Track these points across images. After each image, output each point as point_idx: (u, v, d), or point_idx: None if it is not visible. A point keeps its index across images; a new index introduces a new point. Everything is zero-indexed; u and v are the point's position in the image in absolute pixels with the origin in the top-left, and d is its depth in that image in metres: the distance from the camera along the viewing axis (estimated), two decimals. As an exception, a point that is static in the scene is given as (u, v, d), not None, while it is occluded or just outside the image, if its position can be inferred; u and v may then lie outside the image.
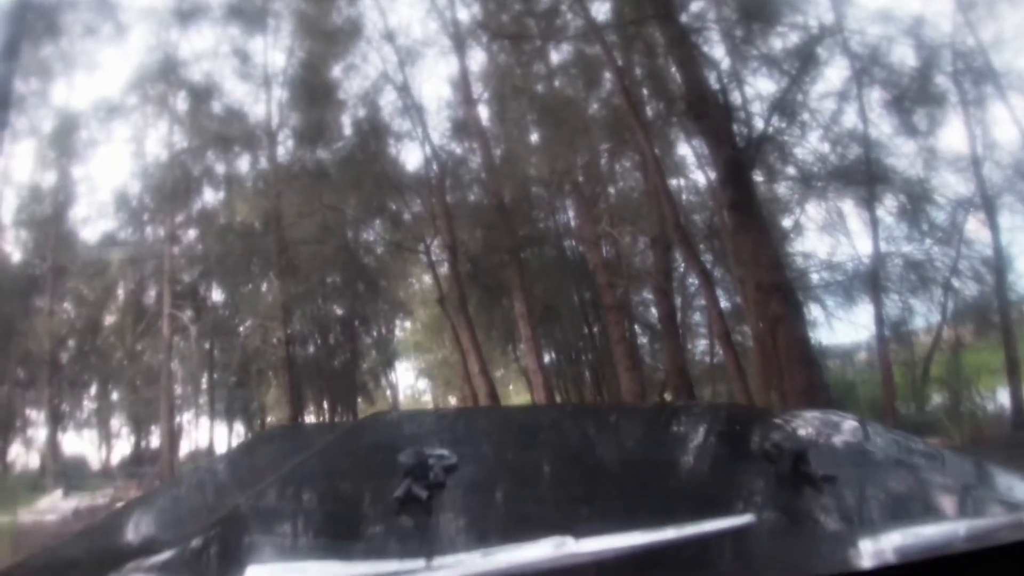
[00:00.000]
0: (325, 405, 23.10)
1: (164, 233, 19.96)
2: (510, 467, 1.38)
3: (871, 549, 0.84)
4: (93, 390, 24.11)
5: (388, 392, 26.84)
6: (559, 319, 20.47)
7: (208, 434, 25.05)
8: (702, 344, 18.53)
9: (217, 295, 23.40)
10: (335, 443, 1.52)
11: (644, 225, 15.98)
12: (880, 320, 10.90)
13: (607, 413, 1.99)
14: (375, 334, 25.37)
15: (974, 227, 12.21)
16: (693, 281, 17.31)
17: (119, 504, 13.68)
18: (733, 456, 1.47)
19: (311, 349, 22.95)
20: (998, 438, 7.43)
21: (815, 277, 13.20)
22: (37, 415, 22.18)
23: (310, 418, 23.27)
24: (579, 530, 0.82)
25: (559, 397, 20.63)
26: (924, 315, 12.34)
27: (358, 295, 22.45)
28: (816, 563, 0.86)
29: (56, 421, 21.60)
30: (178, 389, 23.64)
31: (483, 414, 2.04)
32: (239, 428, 25.87)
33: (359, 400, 25.20)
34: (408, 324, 27.01)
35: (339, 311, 22.69)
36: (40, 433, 21.13)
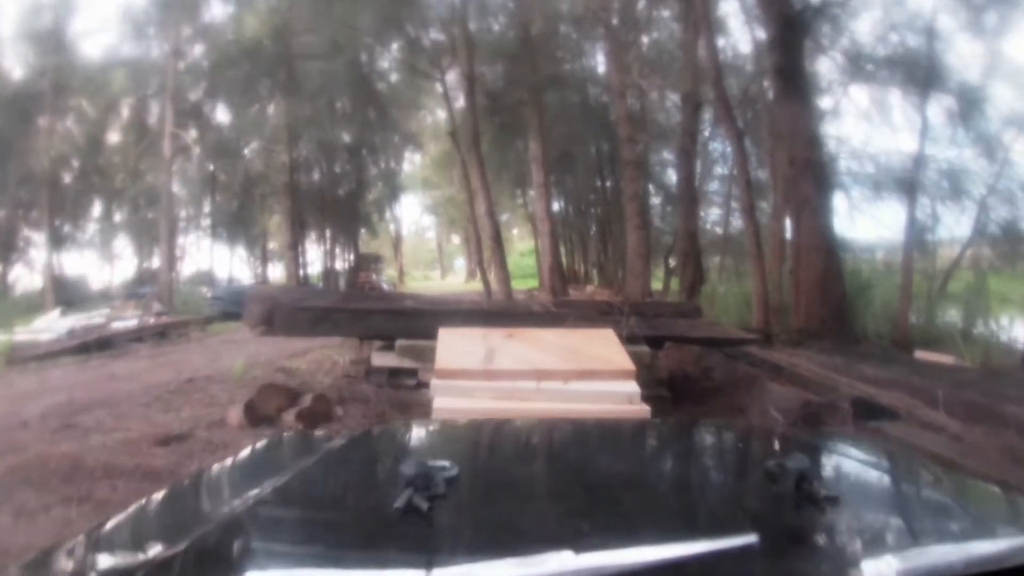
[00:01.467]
0: (327, 234, 23.02)
1: (168, 48, 18.97)
2: (512, 480, 1.35)
3: (872, 570, 0.81)
4: (95, 211, 23.91)
5: (391, 226, 26.79)
6: (573, 168, 19.83)
7: (208, 256, 25.35)
8: (714, 214, 17.99)
9: (222, 115, 22.48)
10: (337, 452, 1.50)
11: (676, 80, 14.91)
12: (912, 222, 10.29)
13: (610, 429, 1.94)
14: (382, 165, 24.85)
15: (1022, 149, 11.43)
16: (716, 147, 16.52)
17: (114, 323, 13.99)
18: (736, 474, 1.46)
19: (316, 176, 22.51)
20: (1007, 369, 7.18)
21: (845, 164, 12.39)
22: (38, 236, 22.14)
23: (311, 247, 23.35)
24: (580, 545, 0.80)
25: (563, 248, 20.64)
26: (950, 228, 11.75)
27: (368, 122, 21.57)
28: None
29: (57, 242, 21.51)
30: (181, 212, 23.52)
31: (486, 427, 1.94)
32: (240, 252, 26.11)
33: (362, 231, 25.18)
34: (417, 158, 26.50)
35: (347, 138, 21.96)
36: (41, 254, 21.22)
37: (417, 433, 1.78)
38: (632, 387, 4.65)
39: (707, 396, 6.04)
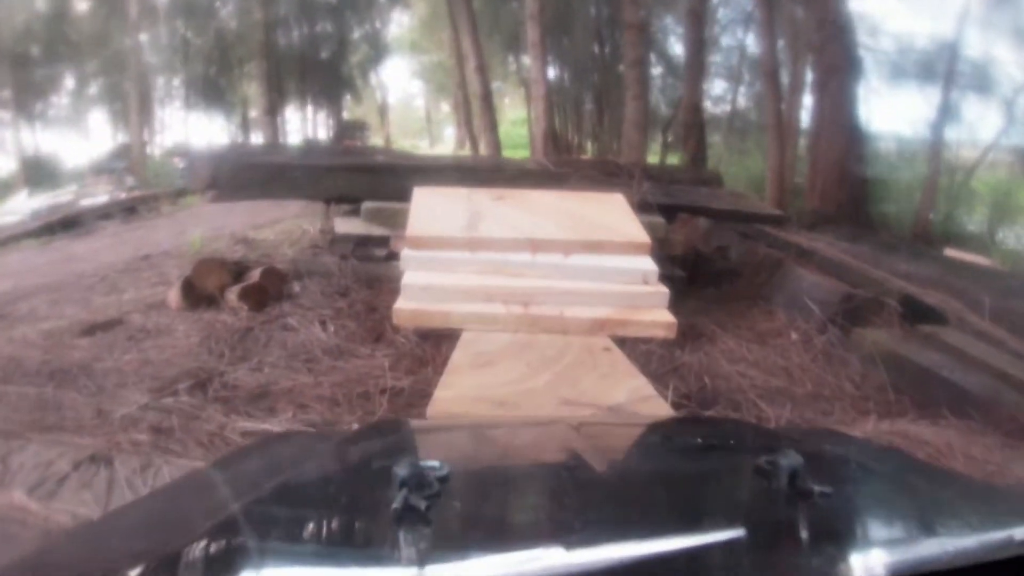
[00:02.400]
0: (309, 103, 21.30)
1: None
2: (503, 479, 1.31)
3: (862, 565, 0.79)
4: (67, 85, 21.89)
5: (377, 93, 24.97)
6: (571, 31, 18.12)
7: (184, 127, 23.58)
8: (719, 88, 16.54)
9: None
10: (331, 452, 1.47)
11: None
12: (943, 110, 8.99)
13: (599, 426, 1.85)
14: (367, 27, 22.79)
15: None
16: (726, 14, 14.87)
17: (83, 201, 12.99)
18: (728, 471, 1.36)
19: (295, 37, 20.53)
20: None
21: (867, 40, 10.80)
22: (6, 115, 20.18)
23: (293, 116, 21.68)
24: (571, 541, 0.78)
25: (558, 117, 19.22)
26: (972, 127, 10.30)
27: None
28: None
29: (28, 120, 19.70)
30: (156, 81, 21.62)
31: (477, 426, 1.82)
32: (219, 121, 24.35)
33: (347, 97, 23.45)
34: (406, 19, 24.30)
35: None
36: (11, 135, 19.37)
37: (409, 432, 1.73)
38: (647, 263, 3.77)
39: (723, 278, 5.18)
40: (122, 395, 3.35)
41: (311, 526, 1.05)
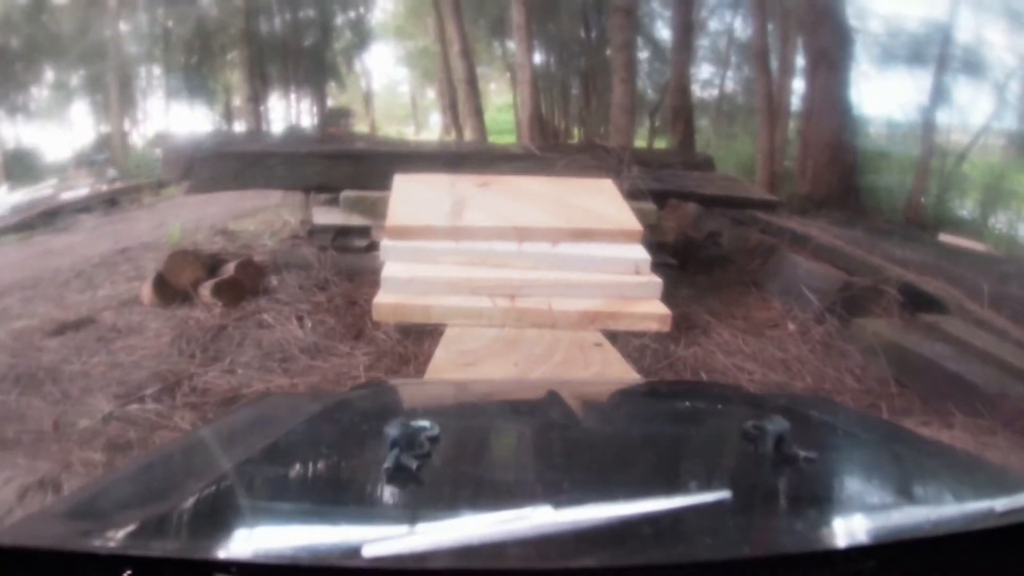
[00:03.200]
0: (292, 90, 20.78)
1: None
2: (493, 439, 1.33)
3: (845, 529, 0.82)
4: (48, 77, 21.25)
5: (362, 80, 24.41)
6: (557, 15, 17.77)
7: (166, 117, 22.88)
8: (706, 73, 16.23)
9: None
10: (323, 413, 1.46)
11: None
12: (935, 92, 8.73)
13: (589, 388, 1.82)
14: (351, 14, 22.26)
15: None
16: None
17: (63, 194, 12.63)
18: (715, 435, 1.38)
19: (277, 24, 20.00)
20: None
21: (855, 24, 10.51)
22: None
23: (277, 103, 21.14)
24: (559, 500, 0.78)
25: (544, 101, 18.87)
26: (963, 111, 10.00)
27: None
28: (790, 540, 0.83)
29: (9, 113, 19.10)
30: (139, 70, 21.02)
31: (467, 387, 1.81)
32: (202, 110, 23.62)
33: (332, 84, 22.92)
34: (390, 6, 23.80)
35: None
36: None
37: (400, 393, 1.74)
38: (639, 252, 3.55)
39: (715, 265, 4.98)
40: (87, 403, 3.13)
41: (303, 486, 1.06)
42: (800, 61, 8.45)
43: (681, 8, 12.88)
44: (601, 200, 3.93)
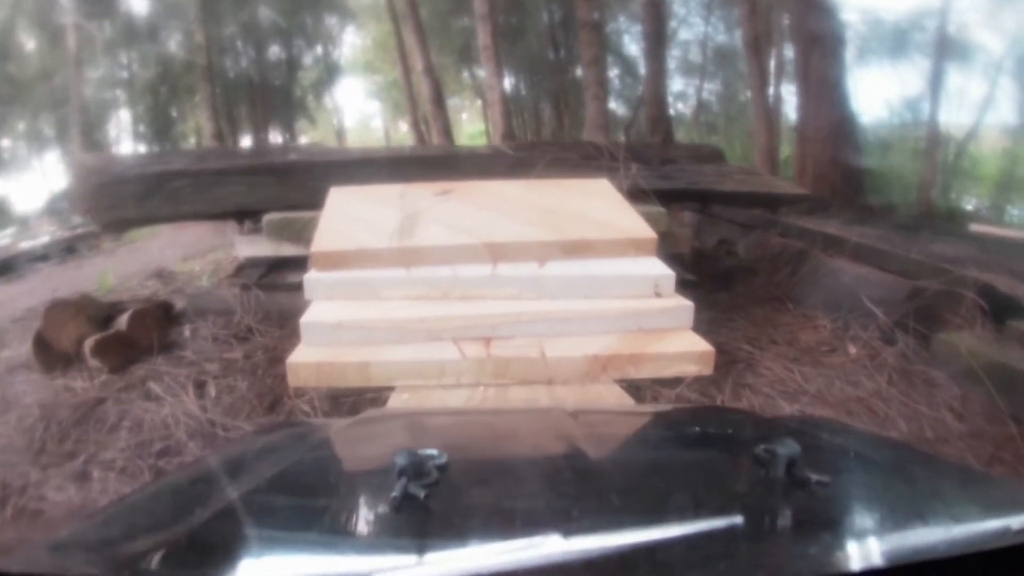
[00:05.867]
0: (261, 128, 19.75)
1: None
2: (501, 467, 1.23)
3: (858, 552, 0.76)
4: (17, 127, 20.24)
5: (334, 118, 23.43)
6: (524, 34, 16.97)
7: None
8: (678, 85, 15.43)
9: (135, 2, 18.51)
10: (332, 440, 1.39)
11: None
12: (937, 78, 7.85)
13: (598, 415, 1.64)
14: (320, 50, 21.39)
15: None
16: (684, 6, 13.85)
17: (22, 243, 11.71)
18: (725, 460, 1.25)
19: (243, 62, 19.03)
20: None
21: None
22: None
23: (246, 141, 20.03)
24: (569, 529, 0.75)
25: (516, 122, 17.94)
26: (958, 97, 9.14)
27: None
28: (803, 565, 0.77)
29: None
30: (106, 114, 19.97)
31: (476, 415, 1.66)
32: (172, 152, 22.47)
33: (303, 121, 21.92)
34: (359, 41, 23.02)
35: (273, 17, 18.48)
36: None
37: (408, 421, 1.62)
38: (657, 266, 2.51)
39: (734, 279, 3.96)
40: None
41: (310, 514, 0.99)
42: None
43: (651, 16, 12.07)
44: (598, 204, 2.90)
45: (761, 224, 4.75)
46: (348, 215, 2.76)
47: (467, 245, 2.49)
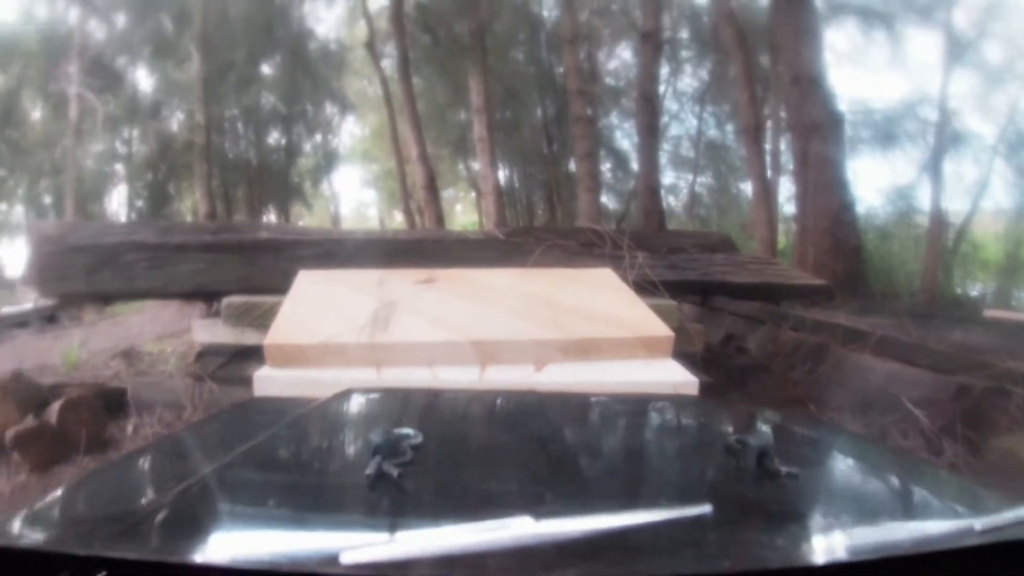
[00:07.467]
0: (255, 207, 19.68)
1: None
2: (475, 448, 1.26)
3: (825, 545, 0.77)
4: (16, 190, 20.26)
5: (331, 205, 23.42)
6: (519, 131, 17.17)
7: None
8: (670, 178, 15.49)
9: (141, 79, 18.85)
10: (306, 417, 1.37)
11: (635, 18, 12.35)
12: (937, 167, 7.80)
13: (573, 400, 1.62)
14: (319, 137, 21.70)
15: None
16: (676, 101, 14.12)
17: (8, 309, 11.35)
18: (697, 448, 1.31)
19: (241, 144, 19.17)
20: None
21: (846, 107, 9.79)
22: None
23: (239, 217, 19.89)
24: (540, 512, 0.75)
25: (510, 213, 17.89)
26: (953, 186, 9.10)
27: (296, 85, 18.51)
28: (770, 555, 0.78)
29: None
30: (107, 185, 20.02)
31: (452, 396, 1.63)
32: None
33: (298, 205, 21.96)
34: (357, 131, 23.45)
35: (274, 102, 18.81)
36: None
37: (384, 400, 1.61)
38: (676, 370, 2.09)
39: (747, 378, 3.54)
40: None
41: (283, 490, 0.99)
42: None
43: (645, 110, 12.21)
44: (604, 297, 2.51)
45: (769, 317, 4.36)
46: (315, 302, 2.34)
47: (451, 343, 2.07)
